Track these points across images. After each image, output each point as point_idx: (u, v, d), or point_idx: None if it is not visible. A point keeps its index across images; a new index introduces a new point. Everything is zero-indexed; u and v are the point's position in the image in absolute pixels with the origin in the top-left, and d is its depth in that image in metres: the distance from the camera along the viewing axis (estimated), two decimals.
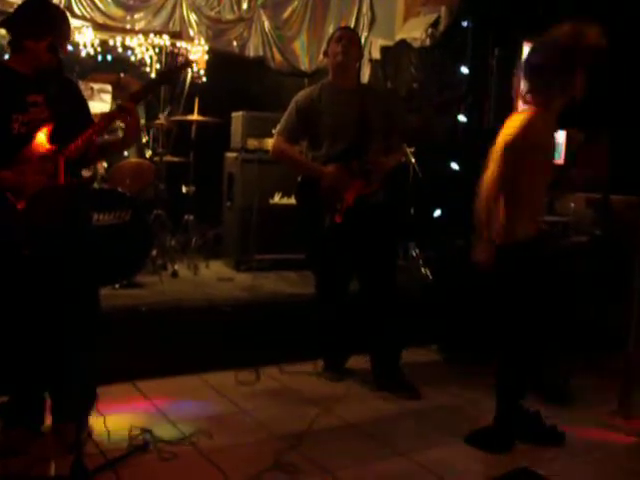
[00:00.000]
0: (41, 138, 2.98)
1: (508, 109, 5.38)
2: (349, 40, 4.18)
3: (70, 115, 3.06)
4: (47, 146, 2.97)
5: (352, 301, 4.38)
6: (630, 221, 4.31)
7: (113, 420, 3.42)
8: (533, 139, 3.22)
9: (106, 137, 3.34)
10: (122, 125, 3.19)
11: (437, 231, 5.57)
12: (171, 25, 7.13)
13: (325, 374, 4.48)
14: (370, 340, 4.32)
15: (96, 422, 3.37)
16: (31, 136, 2.99)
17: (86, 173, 4.79)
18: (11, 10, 3.23)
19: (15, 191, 2.91)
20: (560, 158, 6.17)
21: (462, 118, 5.25)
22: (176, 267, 5.57)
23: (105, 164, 5.33)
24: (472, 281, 4.97)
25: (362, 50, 4.52)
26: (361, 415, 3.85)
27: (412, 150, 5.78)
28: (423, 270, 5.78)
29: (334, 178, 4.02)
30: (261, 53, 7.79)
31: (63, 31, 3.10)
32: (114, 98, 5.72)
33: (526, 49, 5.42)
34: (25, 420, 3.27)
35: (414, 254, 5.95)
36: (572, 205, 5.79)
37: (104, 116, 3.11)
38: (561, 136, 5.96)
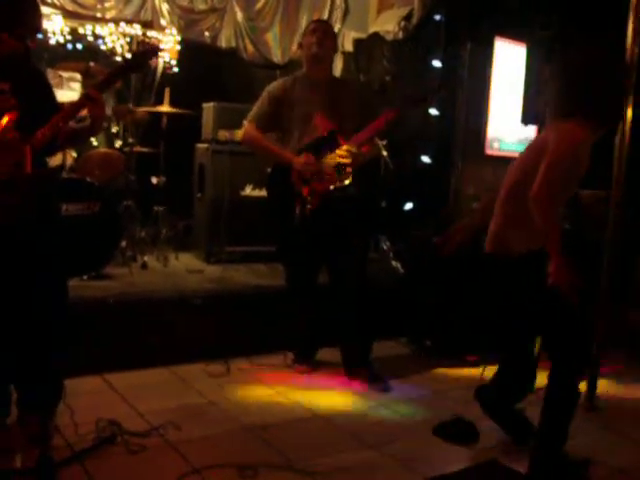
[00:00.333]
0: (6, 126, 2.92)
1: (480, 103, 5.43)
2: (324, 32, 4.17)
3: (37, 104, 3.00)
4: (12, 134, 2.92)
5: (322, 293, 4.38)
6: (599, 215, 4.35)
7: (80, 412, 3.39)
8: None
9: (73, 125, 3.28)
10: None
11: (408, 224, 5.58)
12: (142, 14, 7.05)
13: (295, 366, 4.48)
14: (340, 332, 4.32)
15: (63, 414, 3.33)
16: None
17: (54, 162, 4.75)
18: None
19: None
20: None
21: (434, 111, 5.25)
22: (146, 259, 5.53)
23: (74, 154, 5.28)
24: (443, 274, 5.01)
25: (337, 43, 4.52)
26: (330, 407, 3.85)
27: (384, 143, 5.77)
28: (394, 263, 5.79)
29: (304, 166, 4.00)
30: (233, 44, 7.74)
31: (32, 19, 3.04)
32: (84, 87, 5.66)
33: (498, 43, 5.45)
34: None
35: (385, 247, 5.96)
36: None
37: (70, 104, 3.07)
38: None
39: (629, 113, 3.85)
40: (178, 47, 6.98)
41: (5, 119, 2.92)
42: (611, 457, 3.41)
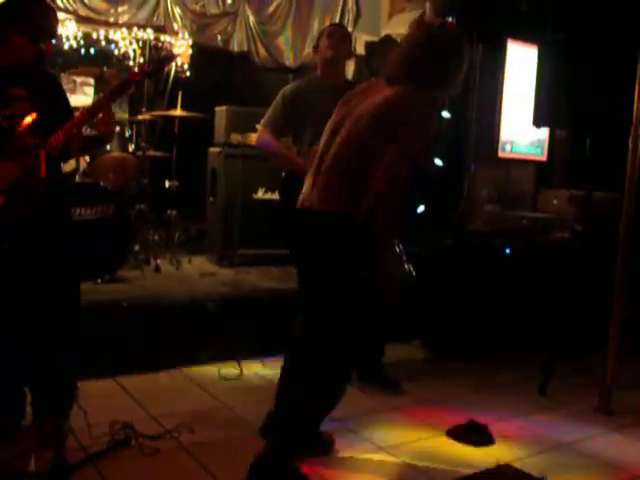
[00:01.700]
0: (23, 132, 2.95)
1: (492, 106, 5.43)
2: (340, 36, 4.18)
3: (51, 109, 3.04)
4: (29, 140, 2.95)
5: None
6: (611, 217, 4.34)
7: (94, 415, 3.39)
8: None
9: (88, 131, 3.31)
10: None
11: (420, 227, 5.58)
12: (155, 19, 7.10)
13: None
14: None
15: (77, 417, 3.34)
16: (13, 130, 2.96)
17: (68, 167, 4.78)
18: None
19: None
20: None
21: (446, 114, 5.25)
22: (158, 262, 5.55)
23: (88, 158, 5.30)
24: (456, 277, 5.00)
25: (352, 47, 4.52)
26: (343, 410, 3.83)
27: None
28: (406, 266, 5.77)
29: None
30: (245, 48, 7.77)
31: (49, 25, 3.07)
32: (97, 92, 5.69)
33: (510, 46, 5.45)
34: (4, 415, 3.24)
35: (397, 250, 5.94)
36: (555, 202, 5.83)
37: (85, 110, 3.08)
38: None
39: None
40: (190, 51, 7.01)
41: (26, 121, 2.94)
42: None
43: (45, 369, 3.14)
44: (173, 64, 6.93)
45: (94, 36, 6.60)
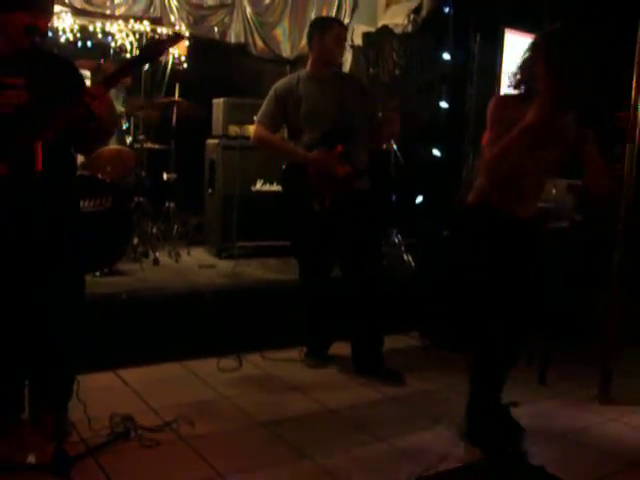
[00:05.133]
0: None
1: (490, 95, 5.41)
2: (344, 40, 4.26)
3: (53, 98, 2.88)
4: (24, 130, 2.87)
5: (334, 288, 4.38)
6: (610, 207, 4.33)
7: (94, 408, 3.38)
8: None
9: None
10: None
11: (419, 217, 5.59)
12: (152, 11, 7.08)
13: (307, 361, 4.48)
14: (353, 327, 4.32)
15: (76, 409, 3.34)
16: (5, 120, 2.84)
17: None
18: None
19: None
20: None
21: (444, 104, 5.25)
22: (157, 254, 5.55)
23: None
24: (454, 268, 5.00)
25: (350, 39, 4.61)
26: (342, 401, 3.86)
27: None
28: (405, 257, 5.79)
29: (321, 163, 4.01)
30: (242, 40, 7.75)
31: (39, 4, 2.91)
32: (93, 84, 5.67)
33: (508, 35, 5.43)
34: (5, 408, 3.24)
35: (396, 240, 5.96)
36: (553, 191, 5.82)
37: (66, 105, 2.89)
38: None
39: None
40: (187, 43, 6.99)
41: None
42: None
43: (45, 360, 3.13)
44: (170, 56, 6.92)
45: (90, 29, 6.57)
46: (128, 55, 6.67)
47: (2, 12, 2.88)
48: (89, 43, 6.60)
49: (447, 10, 5.47)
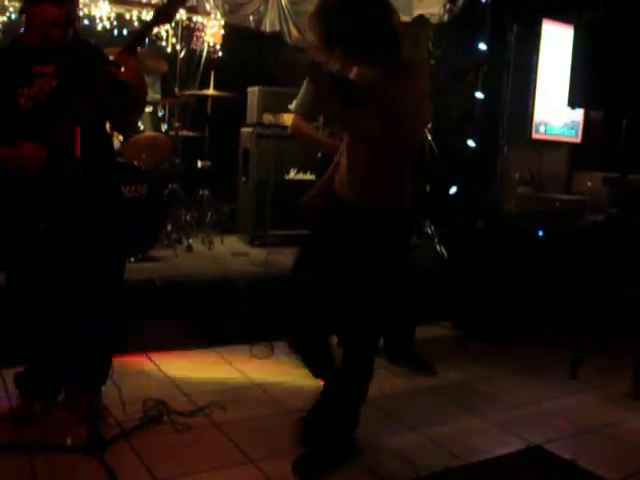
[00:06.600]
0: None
1: (526, 86, 5.37)
2: None
3: (83, 80, 2.87)
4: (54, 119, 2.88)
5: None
6: None
7: (128, 391, 3.45)
8: None
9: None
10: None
11: (453, 208, 5.56)
12: None
13: (340, 349, 4.48)
14: (385, 317, 4.31)
15: (111, 393, 3.40)
16: (37, 110, 2.90)
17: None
18: None
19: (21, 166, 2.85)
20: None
21: (479, 95, 5.21)
22: (191, 241, 5.59)
23: (121, 138, 5.33)
24: (488, 259, 4.98)
25: None
26: (374, 390, 3.84)
27: (428, 127, 5.75)
28: (438, 247, 5.77)
29: None
30: (277, 28, 7.72)
31: None
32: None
33: (545, 26, 5.38)
34: (41, 389, 3.31)
35: (429, 231, 5.93)
36: (589, 184, 5.77)
37: (100, 74, 2.87)
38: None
39: None
40: (222, 32, 7.00)
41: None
42: None
43: (81, 343, 3.17)
44: (205, 44, 6.94)
45: (127, 17, 6.61)
46: (164, 43, 6.70)
47: (29, 4, 2.94)
48: (125, 31, 6.63)
49: (484, 0, 5.41)
